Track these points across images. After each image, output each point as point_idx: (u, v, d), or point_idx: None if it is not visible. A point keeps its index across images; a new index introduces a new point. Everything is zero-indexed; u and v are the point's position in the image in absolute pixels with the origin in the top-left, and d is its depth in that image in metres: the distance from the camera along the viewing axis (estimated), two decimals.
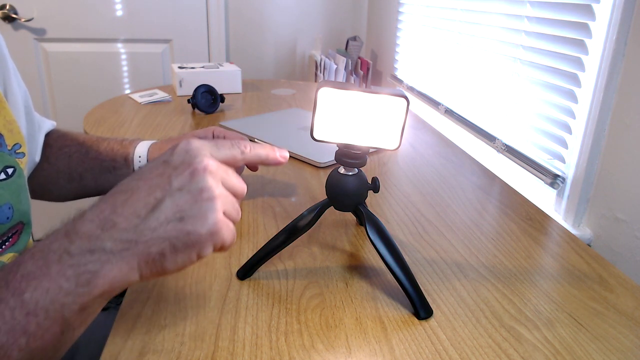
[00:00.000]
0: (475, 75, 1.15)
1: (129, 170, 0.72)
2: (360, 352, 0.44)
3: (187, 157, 0.37)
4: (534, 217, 0.72)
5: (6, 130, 0.50)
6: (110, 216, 0.35)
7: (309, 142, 0.65)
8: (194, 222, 0.36)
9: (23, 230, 0.52)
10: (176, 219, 0.36)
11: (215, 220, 0.36)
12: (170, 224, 0.35)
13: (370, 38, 2.09)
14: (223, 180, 0.38)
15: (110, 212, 0.35)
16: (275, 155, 0.44)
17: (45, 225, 1.93)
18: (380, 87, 0.46)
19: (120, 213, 0.35)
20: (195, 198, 0.36)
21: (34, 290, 0.33)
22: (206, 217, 0.36)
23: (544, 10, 0.89)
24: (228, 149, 0.40)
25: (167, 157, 0.38)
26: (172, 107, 1.26)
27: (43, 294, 0.33)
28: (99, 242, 0.35)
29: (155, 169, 0.37)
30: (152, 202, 0.36)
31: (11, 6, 1.80)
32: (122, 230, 0.35)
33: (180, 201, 0.36)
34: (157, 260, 0.36)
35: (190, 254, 0.37)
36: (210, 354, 0.43)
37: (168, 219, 0.35)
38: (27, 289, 0.33)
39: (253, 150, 0.42)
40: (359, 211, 0.53)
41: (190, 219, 0.36)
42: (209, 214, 0.36)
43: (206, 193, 0.36)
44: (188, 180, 0.36)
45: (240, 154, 0.41)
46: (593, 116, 0.77)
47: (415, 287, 0.49)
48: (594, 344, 0.46)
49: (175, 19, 1.96)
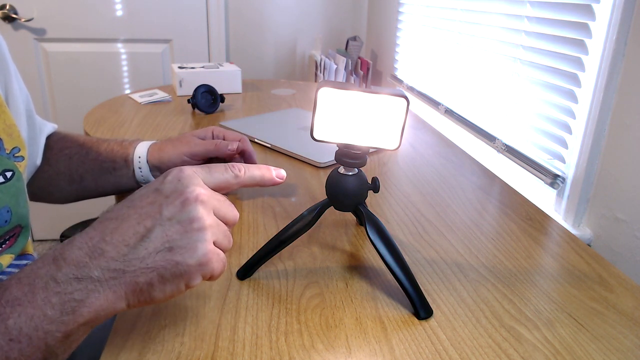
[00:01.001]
0: (475, 75, 1.15)
1: (129, 170, 0.72)
2: (360, 352, 0.44)
3: (179, 185, 0.37)
4: (534, 217, 0.72)
5: (5, 134, 0.50)
6: (99, 244, 0.35)
7: (309, 142, 0.65)
8: (183, 253, 0.36)
9: (21, 233, 0.52)
10: (165, 249, 0.35)
11: (205, 251, 0.36)
12: (159, 254, 0.35)
13: (370, 38, 2.09)
14: (215, 209, 0.38)
15: (99, 240, 0.35)
16: (271, 175, 0.44)
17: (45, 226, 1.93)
18: (380, 87, 0.46)
19: (109, 241, 0.35)
20: (185, 228, 0.36)
21: (18, 317, 0.33)
22: (196, 248, 0.36)
23: (544, 10, 0.89)
24: (221, 174, 0.40)
25: (158, 185, 0.38)
26: (172, 107, 1.26)
27: (27, 321, 0.33)
28: (87, 270, 0.34)
29: (147, 197, 0.37)
30: (141, 231, 0.35)
31: (11, 6, 1.80)
32: (110, 259, 0.35)
33: (170, 231, 0.36)
34: (144, 290, 0.36)
35: (179, 284, 0.37)
36: (210, 354, 0.43)
37: (157, 248, 0.35)
38: (11, 315, 0.33)
39: (247, 173, 0.42)
40: (359, 211, 0.53)
41: (179, 249, 0.36)
42: (199, 244, 0.36)
43: (196, 223, 0.36)
44: (179, 209, 0.36)
45: (234, 177, 0.41)
46: (593, 116, 0.77)
47: (415, 287, 0.49)
48: (594, 344, 0.46)
49: (175, 19, 1.96)
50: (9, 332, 0.33)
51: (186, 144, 0.71)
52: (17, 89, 0.60)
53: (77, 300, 0.34)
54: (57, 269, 0.34)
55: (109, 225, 0.36)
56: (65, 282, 0.34)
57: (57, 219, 2.05)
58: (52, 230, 2.13)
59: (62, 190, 0.74)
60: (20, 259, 0.54)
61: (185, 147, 0.70)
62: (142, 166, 0.72)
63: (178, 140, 0.72)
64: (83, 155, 0.73)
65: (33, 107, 0.67)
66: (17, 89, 0.60)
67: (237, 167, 0.42)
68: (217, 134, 0.74)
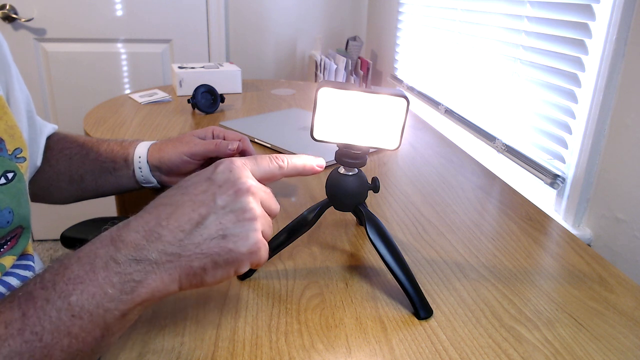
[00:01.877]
0: (475, 75, 1.15)
1: (129, 171, 0.72)
2: (360, 352, 0.44)
3: (230, 176, 0.39)
4: (534, 217, 0.72)
5: (7, 135, 0.50)
6: (155, 228, 0.37)
7: (309, 142, 0.65)
8: (236, 241, 0.37)
9: (22, 234, 0.52)
10: (219, 236, 0.37)
11: (256, 240, 0.38)
12: (214, 240, 0.37)
13: (370, 38, 2.09)
14: (262, 200, 0.40)
15: (156, 224, 0.37)
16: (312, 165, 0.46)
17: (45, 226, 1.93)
18: (380, 87, 0.46)
19: (165, 226, 0.37)
20: (238, 217, 0.38)
21: (81, 294, 0.34)
22: (248, 237, 0.38)
23: (544, 10, 0.89)
24: (267, 165, 0.42)
25: (210, 175, 0.39)
26: (172, 107, 1.26)
27: (89, 299, 0.34)
28: (145, 252, 0.36)
29: (200, 185, 0.39)
30: (196, 218, 0.37)
31: (11, 6, 1.80)
32: (167, 243, 0.36)
33: (223, 219, 0.37)
34: (197, 274, 0.37)
35: (229, 270, 0.38)
36: (210, 354, 0.43)
37: (211, 235, 0.37)
38: (74, 292, 0.34)
39: (290, 164, 0.44)
40: (359, 211, 0.53)
41: (232, 237, 0.37)
42: (251, 234, 0.38)
43: (249, 213, 0.38)
44: (232, 199, 0.38)
45: (279, 169, 0.43)
46: (593, 116, 0.77)
47: (415, 287, 0.49)
48: (594, 344, 0.46)
49: (175, 19, 1.96)
50: (71, 308, 0.34)
51: (186, 144, 0.71)
52: (18, 89, 0.60)
53: (136, 281, 0.35)
54: (116, 250, 0.36)
55: (164, 210, 0.37)
56: (125, 263, 0.35)
57: (57, 219, 2.05)
58: (52, 230, 2.13)
59: (62, 190, 0.74)
60: (21, 260, 0.54)
61: (185, 147, 0.70)
62: (142, 166, 0.72)
63: (178, 140, 0.72)
64: (83, 155, 0.73)
65: (34, 108, 0.67)
66: (18, 90, 0.60)
67: (280, 157, 0.44)
68: (217, 134, 0.74)
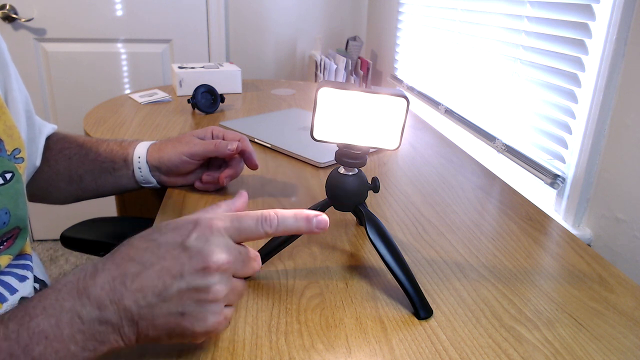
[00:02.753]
0: (475, 75, 1.15)
1: (128, 171, 0.72)
2: (360, 352, 0.44)
3: (205, 247, 0.38)
4: (534, 217, 0.72)
5: (6, 136, 0.50)
6: (119, 287, 0.37)
7: (309, 142, 0.65)
8: (192, 321, 0.38)
9: (19, 235, 0.52)
10: (177, 313, 0.37)
11: (214, 322, 0.38)
12: (172, 316, 0.37)
13: (370, 38, 2.09)
14: (235, 272, 0.39)
15: (120, 283, 0.37)
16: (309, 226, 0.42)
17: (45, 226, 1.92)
18: (380, 87, 0.46)
19: (129, 287, 0.37)
20: (200, 297, 0.37)
21: (45, 350, 0.35)
22: (206, 319, 0.38)
23: (543, 10, 0.89)
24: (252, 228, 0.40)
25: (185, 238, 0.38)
26: (172, 107, 1.26)
27: (52, 354, 0.35)
28: (107, 314, 0.36)
29: (172, 249, 0.38)
30: (160, 286, 0.37)
31: (11, 6, 1.80)
32: (127, 309, 0.37)
33: (185, 295, 0.37)
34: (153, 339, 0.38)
35: (184, 340, 0.39)
36: (210, 354, 0.43)
37: (170, 311, 0.37)
38: (37, 347, 0.35)
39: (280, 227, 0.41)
40: (359, 211, 0.53)
41: (190, 317, 0.37)
42: (209, 316, 0.38)
43: (212, 295, 0.37)
44: (199, 276, 0.37)
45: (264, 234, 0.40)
46: (593, 116, 0.77)
47: (415, 287, 0.49)
48: (594, 344, 0.46)
49: (175, 19, 1.96)
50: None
51: (186, 144, 0.71)
52: (16, 89, 0.60)
53: (98, 341, 0.37)
54: (82, 305, 0.36)
55: (131, 269, 0.37)
56: (89, 322, 0.36)
57: (56, 219, 2.05)
58: (51, 230, 2.13)
59: (62, 190, 0.74)
60: (18, 259, 0.54)
61: (184, 147, 0.70)
62: (141, 166, 0.72)
63: (177, 140, 0.72)
64: (82, 155, 0.73)
65: (32, 108, 0.67)
66: (16, 90, 0.60)
67: (269, 220, 0.40)
68: (217, 134, 0.74)
